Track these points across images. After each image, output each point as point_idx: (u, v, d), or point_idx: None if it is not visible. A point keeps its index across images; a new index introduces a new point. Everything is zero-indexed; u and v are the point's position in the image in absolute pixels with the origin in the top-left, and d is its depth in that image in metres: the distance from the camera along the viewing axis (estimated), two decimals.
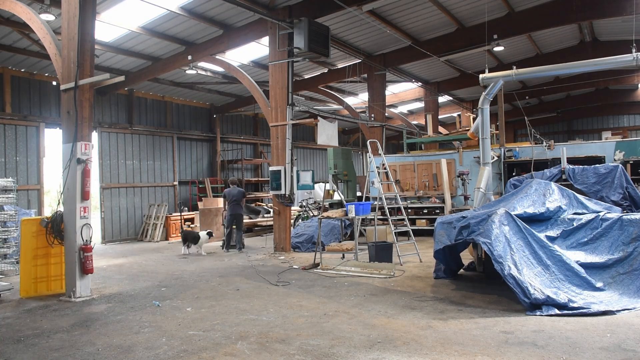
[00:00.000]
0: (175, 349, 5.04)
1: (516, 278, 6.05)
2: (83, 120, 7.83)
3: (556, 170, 9.59)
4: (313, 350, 4.84)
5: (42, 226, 7.97)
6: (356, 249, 10.01)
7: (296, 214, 16.88)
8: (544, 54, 17.72)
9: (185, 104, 19.41)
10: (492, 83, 10.18)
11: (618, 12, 12.18)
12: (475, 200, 9.84)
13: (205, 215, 15.68)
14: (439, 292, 7.22)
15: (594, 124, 30.02)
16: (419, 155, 15.89)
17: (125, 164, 16.83)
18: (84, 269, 7.56)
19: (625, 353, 4.49)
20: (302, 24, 10.77)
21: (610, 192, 8.58)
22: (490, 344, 4.84)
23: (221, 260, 11.29)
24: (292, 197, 11.84)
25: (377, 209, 10.88)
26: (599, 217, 7.01)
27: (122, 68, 15.14)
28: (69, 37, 7.90)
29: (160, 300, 7.26)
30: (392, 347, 4.87)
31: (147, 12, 11.51)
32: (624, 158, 12.03)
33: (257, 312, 6.38)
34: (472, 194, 11.00)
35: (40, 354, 5.06)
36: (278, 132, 11.88)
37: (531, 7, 13.16)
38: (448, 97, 22.17)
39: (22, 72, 14.15)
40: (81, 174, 7.72)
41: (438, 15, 13.47)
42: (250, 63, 15.57)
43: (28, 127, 14.12)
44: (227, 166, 20.91)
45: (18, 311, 6.97)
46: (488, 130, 10.33)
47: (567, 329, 5.23)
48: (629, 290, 6.21)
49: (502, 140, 13.77)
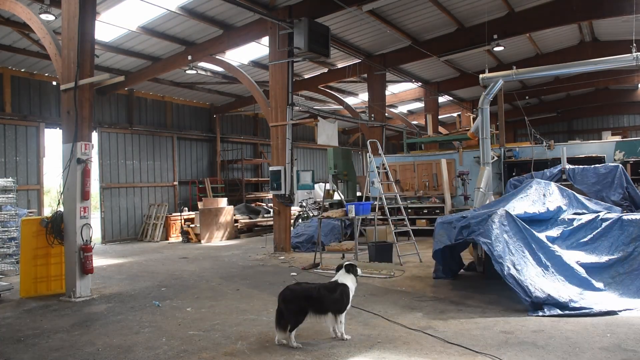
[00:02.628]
0: (175, 349, 5.04)
1: (516, 278, 6.05)
2: (83, 120, 7.83)
3: (556, 170, 9.59)
4: (313, 350, 4.84)
5: (42, 226, 7.96)
6: (356, 249, 10.01)
7: (296, 214, 16.88)
8: (544, 54, 17.71)
9: (185, 104, 19.42)
10: (492, 83, 10.18)
11: (618, 12, 12.18)
12: (475, 200, 9.84)
13: (205, 215, 15.68)
14: (439, 292, 7.22)
15: (594, 124, 30.02)
16: (419, 155, 15.89)
17: (125, 164, 16.83)
18: (84, 269, 7.56)
19: (625, 353, 4.49)
20: (302, 24, 10.77)
21: (610, 192, 8.58)
22: (490, 344, 4.84)
23: (221, 260, 11.29)
24: (292, 197, 11.84)
25: (377, 209, 10.87)
26: (599, 217, 7.01)
27: (122, 68, 15.14)
28: (69, 37, 7.90)
29: (160, 300, 7.25)
30: (392, 347, 4.87)
31: (147, 12, 11.51)
32: (624, 158, 12.03)
33: (257, 312, 6.38)
34: (472, 194, 10.99)
35: (40, 354, 5.05)
36: (278, 132, 11.88)
37: (531, 7, 13.15)
38: (448, 97, 22.18)
39: (22, 72, 14.15)
40: (81, 174, 7.72)
41: (438, 15, 13.47)
42: (250, 63, 15.57)
43: (28, 127, 14.12)
44: (227, 166, 20.91)
45: (18, 311, 6.97)
46: (488, 130, 10.32)
47: (567, 329, 5.22)
48: (629, 291, 6.21)
49: (502, 140, 13.77)
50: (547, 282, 6.15)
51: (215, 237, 15.69)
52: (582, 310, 5.75)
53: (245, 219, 17.17)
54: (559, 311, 5.76)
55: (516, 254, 6.36)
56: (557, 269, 6.34)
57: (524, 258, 6.37)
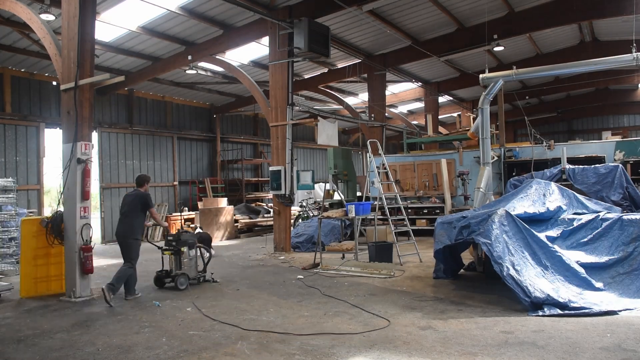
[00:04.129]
0: (176, 349, 5.04)
1: (515, 278, 6.05)
2: (83, 120, 7.83)
3: (556, 170, 9.59)
4: (313, 350, 4.84)
5: (42, 226, 7.96)
6: (356, 249, 10.01)
7: (296, 214, 16.88)
8: (544, 54, 17.71)
9: (185, 104, 19.42)
10: (492, 83, 10.17)
11: (618, 12, 12.18)
12: (475, 200, 9.83)
13: (205, 215, 15.68)
14: (439, 292, 7.22)
15: (594, 124, 30.02)
16: (419, 155, 15.88)
17: (125, 164, 16.83)
18: (84, 268, 7.57)
19: (625, 353, 4.49)
20: (302, 24, 10.77)
21: (611, 192, 8.58)
22: (490, 344, 4.84)
23: (221, 260, 11.28)
24: (292, 197, 11.84)
25: (377, 209, 10.87)
26: (599, 217, 7.01)
27: (122, 68, 15.14)
28: (69, 37, 7.90)
29: (160, 300, 7.26)
30: (392, 347, 4.87)
31: (147, 12, 11.51)
32: (624, 158, 12.02)
33: (257, 312, 6.38)
34: (472, 194, 10.99)
35: (40, 354, 5.05)
36: (278, 132, 11.88)
37: (531, 7, 13.15)
38: (448, 97, 22.17)
39: (22, 72, 14.15)
40: (81, 174, 7.72)
41: (438, 15, 13.46)
42: (250, 63, 15.57)
43: (28, 127, 14.12)
44: (227, 166, 20.92)
45: (18, 311, 6.97)
46: (488, 130, 10.32)
47: (567, 329, 5.22)
48: (629, 290, 6.21)
49: (502, 140, 13.76)
50: (547, 282, 6.15)
51: (215, 237, 15.67)
52: (582, 310, 5.74)
53: (245, 219, 17.17)
54: (559, 311, 5.76)
55: (516, 254, 6.36)
56: (557, 269, 6.35)
57: (524, 258, 6.37)
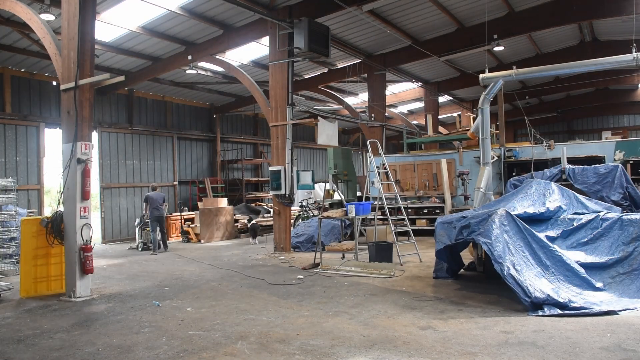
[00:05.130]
0: (176, 348, 5.04)
1: (516, 278, 6.05)
2: (83, 120, 7.83)
3: (556, 170, 9.59)
4: (313, 350, 4.84)
5: (42, 226, 7.97)
6: (356, 249, 10.00)
7: (296, 214, 16.88)
8: (544, 54, 17.71)
9: (185, 103, 19.42)
10: (492, 83, 10.18)
11: (618, 12, 12.19)
12: (475, 200, 9.84)
13: (205, 215, 15.68)
14: (439, 292, 7.22)
15: (594, 124, 30.02)
16: (419, 155, 15.88)
17: (125, 164, 16.83)
18: (84, 268, 7.57)
19: (625, 353, 4.49)
20: (302, 24, 10.77)
21: (611, 192, 8.58)
22: (491, 344, 4.84)
23: (221, 260, 11.29)
24: (292, 197, 11.84)
25: (377, 209, 10.88)
26: (599, 217, 7.01)
27: (122, 68, 15.14)
28: (69, 37, 7.90)
29: (160, 300, 7.26)
30: (392, 347, 4.87)
31: (147, 12, 11.51)
32: (624, 158, 12.03)
33: (257, 312, 6.38)
34: (472, 194, 10.99)
35: (40, 354, 5.06)
36: (278, 132, 11.88)
37: (531, 7, 13.15)
38: (448, 97, 22.18)
39: (22, 72, 14.15)
40: (81, 174, 7.72)
41: (438, 15, 13.47)
42: (250, 63, 15.57)
43: (28, 127, 14.12)
44: (227, 166, 20.91)
45: (18, 311, 6.97)
46: (488, 130, 10.33)
47: (567, 329, 5.22)
48: (629, 290, 6.21)
49: (502, 140, 13.76)
50: (547, 282, 6.15)
51: (215, 237, 15.70)
52: (582, 310, 5.74)
53: (245, 219, 17.16)
54: (559, 311, 5.76)
55: (516, 254, 6.37)
56: (557, 268, 6.35)
57: (524, 258, 6.37)
